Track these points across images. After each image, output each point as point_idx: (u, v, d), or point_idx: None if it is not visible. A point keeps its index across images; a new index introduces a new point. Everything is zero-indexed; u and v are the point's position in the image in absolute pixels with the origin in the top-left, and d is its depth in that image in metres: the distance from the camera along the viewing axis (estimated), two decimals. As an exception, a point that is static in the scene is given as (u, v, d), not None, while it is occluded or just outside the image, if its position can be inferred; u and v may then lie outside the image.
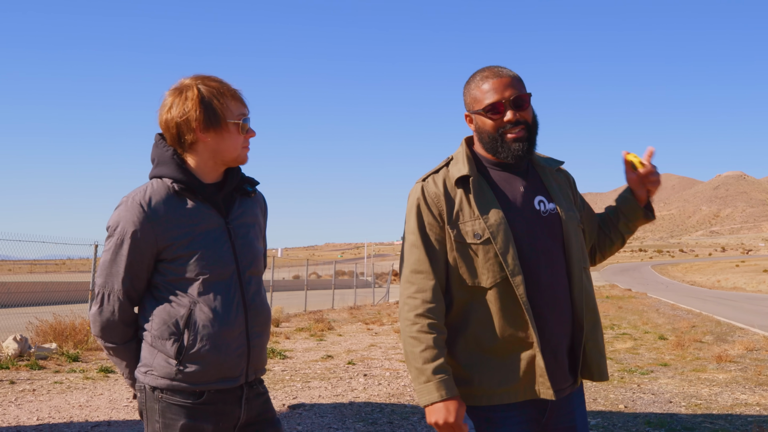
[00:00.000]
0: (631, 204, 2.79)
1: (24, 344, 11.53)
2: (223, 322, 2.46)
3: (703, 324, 20.59)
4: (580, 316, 2.58)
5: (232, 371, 2.50)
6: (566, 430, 2.64)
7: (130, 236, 2.44)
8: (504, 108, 2.56)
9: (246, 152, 2.58)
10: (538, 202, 2.62)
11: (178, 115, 2.48)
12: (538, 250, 2.55)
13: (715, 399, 8.85)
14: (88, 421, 7.30)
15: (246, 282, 2.56)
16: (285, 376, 10.65)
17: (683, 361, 12.34)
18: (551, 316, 2.54)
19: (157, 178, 2.53)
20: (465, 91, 2.68)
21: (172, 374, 2.44)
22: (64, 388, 9.21)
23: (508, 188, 2.62)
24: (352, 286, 36.87)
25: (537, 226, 2.58)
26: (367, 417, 7.69)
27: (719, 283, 66.25)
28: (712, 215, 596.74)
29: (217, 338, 2.45)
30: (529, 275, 2.52)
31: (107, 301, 2.50)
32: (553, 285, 2.56)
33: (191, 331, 2.43)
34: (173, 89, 2.53)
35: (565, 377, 2.60)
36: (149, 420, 2.49)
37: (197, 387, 2.45)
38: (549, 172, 2.73)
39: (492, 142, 2.59)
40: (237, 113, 2.52)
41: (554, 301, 2.55)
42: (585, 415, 2.72)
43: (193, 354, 2.43)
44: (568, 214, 2.64)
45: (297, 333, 17.97)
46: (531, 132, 2.60)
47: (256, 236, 2.65)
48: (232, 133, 2.52)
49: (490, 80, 2.59)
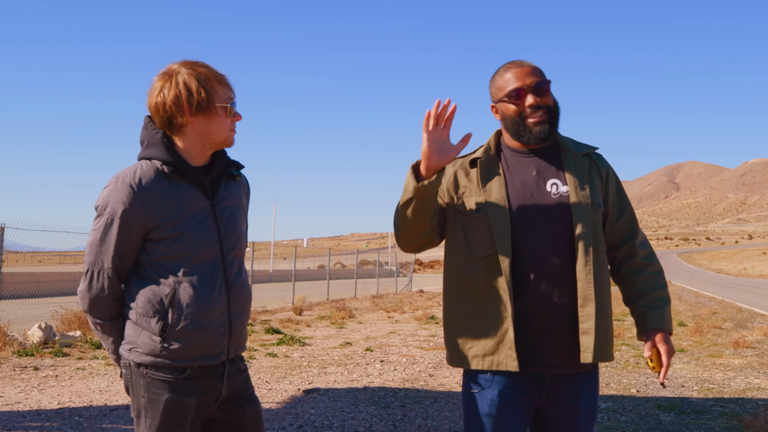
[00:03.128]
0: (639, 330, 2.83)
1: (48, 332, 11.77)
2: (206, 301, 2.55)
3: (725, 311, 20.51)
4: (583, 296, 2.63)
5: (214, 348, 2.59)
6: (567, 408, 2.70)
7: (120, 215, 2.51)
8: (525, 93, 2.70)
9: (233, 135, 2.65)
10: (551, 184, 2.72)
11: (167, 99, 2.56)
12: (540, 230, 2.65)
13: (728, 383, 8.88)
14: (107, 404, 7.48)
15: (229, 263, 2.64)
16: (303, 362, 10.79)
17: (700, 347, 12.35)
18: (546, 294, 2.62)
19: (146, 160, 2.60)
20: (490, 84, 2.85)
21: (156, 351, 2.53)
22: (86, 374, 9.41)
23: (521, 171, 2.75)
24: (376, 276, 37.01)
25: (543, 208, 2.68)
26: (379, 401, 7.81)
27: (745, 271, 65.71)
28: (739, 202, 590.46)
29: (200, 317, 2.54)
30: (525, 253, 2.63)
31: (96, 278, 2.58)
32: (554, 264, 2.63)
33: (175, 310, 2.52)
34: (162, 74, 2.61)
35: (562, 355, 2.65)
36: (135, 395, 2.59)
37: (180, 363, 2.55)
38: (573, 156, 2.79)
39: (515, 126, 2.73)
40: (224, 97, 2.60)
41: (552, 279, 2.63)
42: (593, 399, 2.75)
43: (177, 332, 2.52)
44: (579, 194, 2.69)
45: (318, 321, 18.14)
46: (552, 116, 2.73)
47: (240, 219, 2.74)
48: (220, 117, 2.59)
49: (512, 70, 2.75)
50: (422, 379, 9.31)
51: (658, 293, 2.79)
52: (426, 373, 9.70)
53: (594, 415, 2.75)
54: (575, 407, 2.70)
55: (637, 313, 2.79)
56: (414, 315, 19.79)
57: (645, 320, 2.75)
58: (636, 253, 2.84)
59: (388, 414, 7.15)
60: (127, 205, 2.51)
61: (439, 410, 7.31)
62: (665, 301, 2.79)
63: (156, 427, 2.56)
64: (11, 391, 8.14)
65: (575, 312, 2.65)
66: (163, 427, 2.55)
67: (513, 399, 2.65)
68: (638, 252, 2.84)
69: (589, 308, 2.63)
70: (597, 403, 2.77)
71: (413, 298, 28.77)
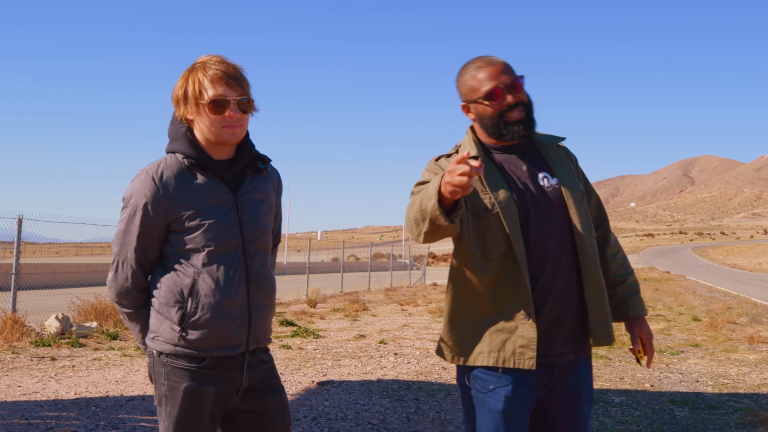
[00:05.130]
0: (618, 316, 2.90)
1: (65, 323, 11.86)
2: (224, 292, 2.60)
3: (739, 306, 20.41)
4: (591, 283, 2.70)
5: (232, 339, 2.63)
6: (570, 396, 2.75)
7: (142, 208, 2.59)
8: (502, 92, 2.69)
9: (228, 132, 2.63)
10: (542, 178, 2.76)
11: (177, 94, 2.65)
12: (545, 223, 2.69)
13: (742, 379, 8.86)
14: (123, 395, 7.55)
15: (250, 255, 2.68)
16: (317, 354, 10.84)
17: (715, 342, 12.31)
18: (557, 286, 2.67)
19: (171, 153, 2.68)
20: (459, 82, 2.81)
21: (175, 340, 2.60)
22: (102, 365, 9.49)
23: (513, 168, 2.76)
24: (389, 269, 37.01)
25: (542, 201, 2.71)
26: (393, 393, 7.84)
27: (760, 266, 65.29)
28: (755, 197, 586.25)
29: (218, 307, 2.59)
30: (536, 248, 2.66)
31: (121, 268, 2.67)
32: (559, 256, 2.69)
33: (194, 300, 2.58)
34: (187, 68, 2.69)
35: (570, 343, 2.72)
36: (156, 383, 2.66)
37: (199, 353, 2.60)
38: (550, 148, 2.86)
39: (495, 126, 2.73)
40: (212, 95, 2.59)
41: (560, 272, 2.68)
42: (590, 385, 2.83)
43: (195, 321, 2.58)
44: (570, 185, 2.77)
45: (332, 313, 18.19)
46: (529, 111, 2.74)
47: (265, 212, 2.77)
48: (204, 116, 2.62)
49: (484, 69, 2.73)
50: (436, 372, 9.33)
51: (632, 278, 2.93)
52: (440, 366, 9.72)
53: (592, 399, 2.82)
54: (578, 394, 2.77)
55: (617, 299, 2.89)
56: (428, 308, 19.83)
57: (627, 307, 2.88)
58: (610, 238, 2.95)
59: (401, 407, 7.18)
60: (149, 198, 2.59)
61: (453, 403, 7.33)
62: (638, 286, 2.94)
63: (175, 415, 2.61)
64: (29, 381, 8.22)
65: (581, 299, 2.71)
66: (182, 415, 2.61)
67: (525, 393, 2.68)
68: (611, 236, 2.95)
69: (597, 294, 2.71)
70: (593, 385, 2.84)
71: (427, 291, 28.77)
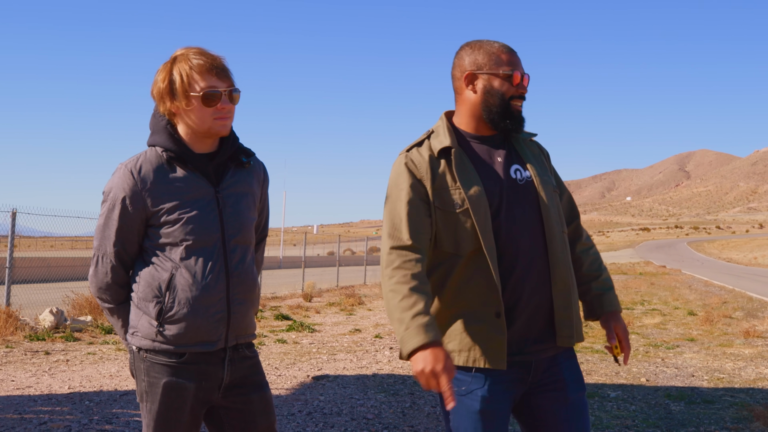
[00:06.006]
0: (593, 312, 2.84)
1: (60, 317, 11.82)
2: (202, 287, 2.56)
3: (735, 300, 20.46)
4: (559, 280, 2.62)
5: (210, 335, 2.59)
6: (555, 383, 2.66)
7: (120, 202, 2.56)
8: (520, 78, 2.65)
9: (219, 124, 2.60)
10: (515, 170, 2.68)
11: (160, 86, 2.60)
12: (517, 218, 2.61)
13: (738, 373, 8.86)
14: (117, 390, 7.52)
15: (230, 250, 2.64)
16: (312, 348, 10.82)
17: (710, 336, 12.32)
18: (530, 282, 2.59)
19: (151, 147, 2.64)
20: (475, 50, 2.69)
21: (153, 335, 2.56)
22: (97, 359, 9.45)
23: (488, 160, 2.68)
24: (384, 262, 36.86)
25: (514, 195, 2.63)
26: (389, 388, 7.82)
27: (756, 260, 65.49)
28: (750, 191, 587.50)
29: (196, 302, 2.55)
30: (507, 244, 2.58)
31: (101, 263, 2.64)
32: (531, 251, 2.60)
33: (171, 295, 2.54)
34: (165, 62, 2.64)
35: (545, 339, 2.64)
36: (137, 379, 2.63)
37: (177, 348, 2.57)
38: (523, 142, 2.79)
39: (499, 106, 2.64)
40: (205, 86, 2.56)
41: (533, 267, 2.60)
42: (576, 368, 2.73)
43: (172, 316, 2.54)
44: (542, 179, 2.69)
45: (327, 307, 18.17)
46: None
47: (247, 206, 2.72)
48: (195, 107, 2.58)
49: (507, 51, 2.68)
50: (431, 366, 9.28)
51: (606, 274, 2.87)
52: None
53: (582, 385, 2.71)
54: (561, 380, 2.67)
55: (591, 295, 2.83)
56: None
57: (602, 303, 2.81)
58: (582, 234, 2.89)
59: (397, 401, 7.16)
60: (127, 192, 2.56)
61: (448, 398, 7.29)
62: (612, 282, 2.88)
63: (156, 411, 2.58)
64: (22, 375, 8.19)
65: (554, 296, 2.63)
66: (163, 410, 2.58)
67: (501, 391, 2.60)
68: (583, 232, 2.90)
69: (563, 291, 2.64)
70: (581, 373, 2.75)
71: (422, 286, 28.70)
